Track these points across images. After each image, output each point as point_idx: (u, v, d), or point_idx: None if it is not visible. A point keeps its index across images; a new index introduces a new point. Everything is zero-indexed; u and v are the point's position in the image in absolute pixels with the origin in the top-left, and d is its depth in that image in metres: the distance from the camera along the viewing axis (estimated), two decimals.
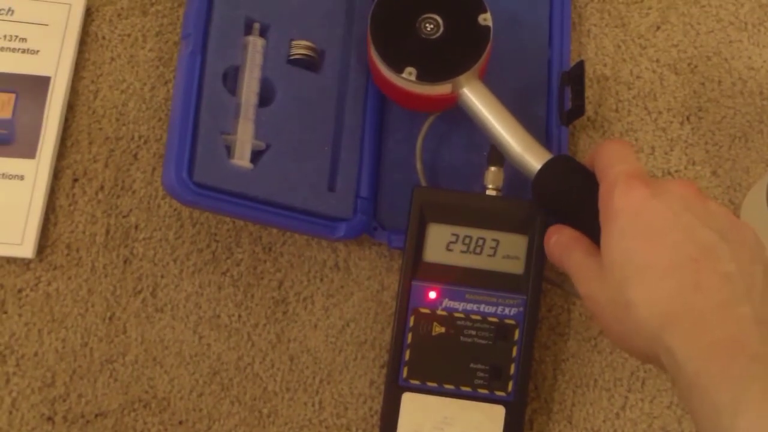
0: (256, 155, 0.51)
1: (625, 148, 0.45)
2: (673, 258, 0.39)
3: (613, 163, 0.44)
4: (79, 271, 0.55)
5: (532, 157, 0.49)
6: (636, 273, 0.40)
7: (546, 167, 0.48)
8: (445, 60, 0.51)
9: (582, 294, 0.44)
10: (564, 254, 0.46)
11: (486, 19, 0.52)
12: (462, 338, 0.50)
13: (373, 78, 0.56)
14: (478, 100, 0.51)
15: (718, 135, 0.60)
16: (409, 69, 0.51)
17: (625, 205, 0.41)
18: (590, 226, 0.44)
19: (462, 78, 0.51)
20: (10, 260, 0.55)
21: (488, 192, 0.51)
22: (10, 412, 0.53)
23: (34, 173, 0.56)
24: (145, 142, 0.58)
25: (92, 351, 0.54)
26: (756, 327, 0.37)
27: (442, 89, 0.52)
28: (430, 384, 0.50)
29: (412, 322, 0.50)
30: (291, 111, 0.53)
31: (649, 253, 0.40)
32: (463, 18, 0.52)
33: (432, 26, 0.52)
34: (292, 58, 0.54)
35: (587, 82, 0.60)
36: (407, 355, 0.50)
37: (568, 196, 0.48)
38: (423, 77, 0.51)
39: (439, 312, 0.50)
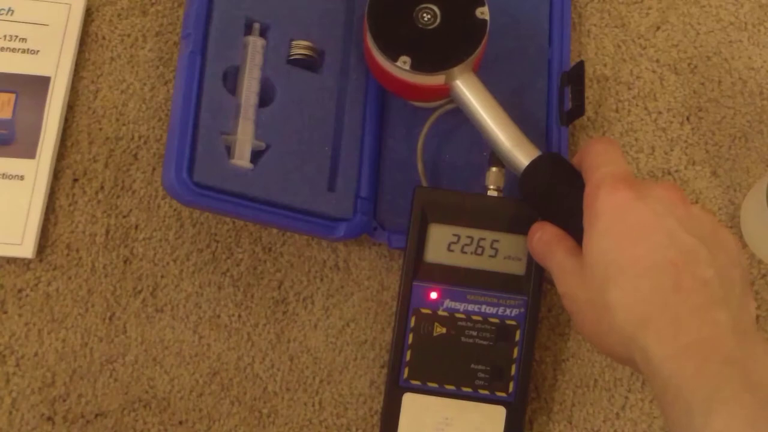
0: (256, 155, 0.51)
1: (613, 148, 0.45)
2: (653, 260, 0.39)
3: (600, 163, 0.44)
4: (79, 271, 0.55)
5: (520, 153, 0.49)
6: (616, 274, 0.40)
7: (533, 164, 0.48)
8: (440, 51, 0.51)
9: (561, 292, 0.44)
10: (546, 252, 0.46)
11: (483, 12, 0.52)
12: (463, 339, 0.50)
13: (369, 66, 0.55)
14: (471, 93, 0.51)
15: (718, 135, 0.60)
16: (403, 58, 0.51)
17: (608, 206, 0.41)
18: (574, 226, 0.44)
19: (456, 70, 0.51)
20: (10, 260, 0.55)
21: (490, 192, 0.51)
22: (10, 412, 0.53)
23: (34, 173, 0.56)
24: (145, 142, 0.58)
25: (92, 351, 0.54)
26: (732, 331, 0.37)
27: (435, 80, 0.51)
28: (430, 384, 0.50)
29: (413, 322, 0.50)
30: (291, 111, 0.53)
31: (629, 255, 0.40)
32: (460, 10, 0.52)
33: (429, 16, 0.52)
34: (292, 58, 0.54)
35: (587, 82, 0.60)
36: (408, 355, 0.50)
37: (554, 195, 0.48)
38: (417, 67, 0.51)
39: (440, 312, 0.50)
